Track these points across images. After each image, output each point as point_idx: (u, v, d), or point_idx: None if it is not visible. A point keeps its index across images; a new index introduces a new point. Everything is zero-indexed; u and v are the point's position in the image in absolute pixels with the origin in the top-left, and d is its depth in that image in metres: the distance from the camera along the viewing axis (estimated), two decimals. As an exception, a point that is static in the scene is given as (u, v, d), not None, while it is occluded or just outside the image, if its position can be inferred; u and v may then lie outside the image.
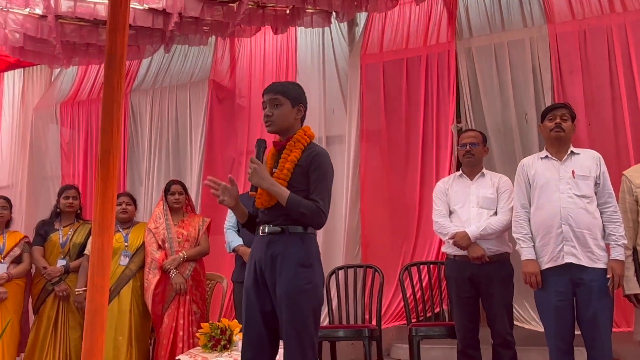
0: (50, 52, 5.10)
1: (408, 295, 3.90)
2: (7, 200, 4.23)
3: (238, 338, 2.88)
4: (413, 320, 3.83)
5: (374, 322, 3.88)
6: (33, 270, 4.13)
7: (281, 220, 2.33)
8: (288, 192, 2.30)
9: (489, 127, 4.17)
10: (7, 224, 4.19)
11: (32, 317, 4.14)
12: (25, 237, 4.20)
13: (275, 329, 2.33)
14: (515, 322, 3.78)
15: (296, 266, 2.27)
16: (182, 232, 3.98)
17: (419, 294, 3.94)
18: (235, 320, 3.00)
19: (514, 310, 3.86)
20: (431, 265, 4.00)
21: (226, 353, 2.77)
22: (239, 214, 2.46)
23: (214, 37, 5.01)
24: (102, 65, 5.99)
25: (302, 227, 2.33)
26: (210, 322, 2.97)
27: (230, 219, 3.87)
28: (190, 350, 3.03)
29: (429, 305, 3.96)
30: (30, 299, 4.13)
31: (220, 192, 2.36)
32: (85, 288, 3.96)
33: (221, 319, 3.08)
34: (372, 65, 4.60)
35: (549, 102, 3.91)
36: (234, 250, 3.72)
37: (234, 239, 3.74)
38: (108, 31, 2.14)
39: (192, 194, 4.79)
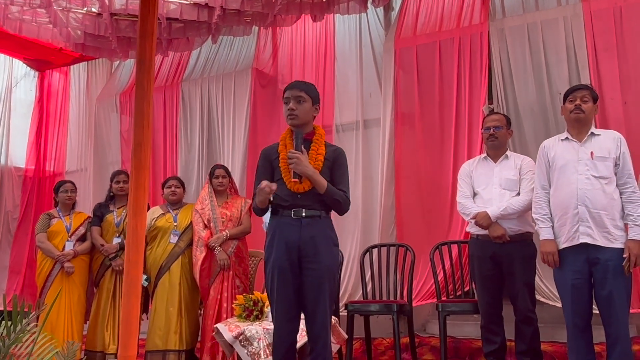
0: (108, 47, 5.54)
1: (439, 273, 4.04)
2: (73, 184, 4.70)
3: (269, 309, 3.15)
4: (444, 298, 3.98)
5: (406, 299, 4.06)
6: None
7: (317, 205, 2.61)
8: (325, 181, 2.59)
9: (521, 108, 4.19)
10: (73, 205, 4.66)
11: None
12: (89, 217, 4.65)
13: (302, 303, 2.58)
14: (543, 300, 3.87)
15: (332, 246, 2.63)
16: (226, 212, 4.29)
17: (449, 272, 4.07)
18: (265, 294, 3.27)
19: (543, 288, 3.94)
20: (462, 245, 4.11)
21: (257, 322, 3.04)
22: (263, 202, 2.60)
23: (256, 27, 5.25)
24: (157, 57, 6.38)
25: (328, 212, 2.66)
26: (244, 294, 3.25)
27: (266, 200, 4.13)
28: (227, 320, 3.34)
29: (459, 284, 4.09)
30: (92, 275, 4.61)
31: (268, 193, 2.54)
32: (141, 263, 4.37)
33: (253, 291, 3.36)
34: (406, 49, 4.69)
35: (584, 82, 3.89)
36: (269, 229, 3.98)
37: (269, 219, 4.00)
38: (138, 38, 2.43)
39: (237, 177, 5.11)
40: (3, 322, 1.99)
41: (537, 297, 3.59)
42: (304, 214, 2.58)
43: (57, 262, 4.33)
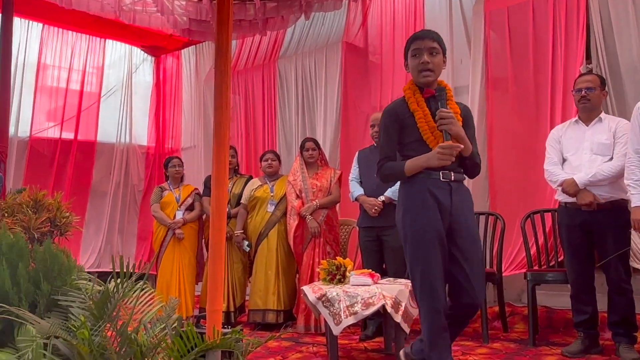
0: (211, 30, 5.92)
1: (530, 242, 3.95)
2: (180, 159, 5.20)
3: (351, 274, 3.32)
4: (536, 268, 3.90)
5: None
6: (204, 216, 5.07)
7: (460, 169, 2.46)
8: (470, 143, 2.41)
9: (622, 67, 3.89)
10: (181, 178, 5.16)
11: (205, 254, 5.11)
12: (196, 189, 5.14)
13: (449, 269, 2.42)
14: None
15: (472, 210, 2.55)
16: (316, 183, 4.51)
17: (542, 241, 3.96)
18: (348, 259, 3.44)
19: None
20: (555, 213, 3.97)
21: (339, 286, 3.23)
22: (417, 170, 2.41)
23: (346, 0, 5.33)
24: (255, 37, 6.69)
25: None
26: (327, 259, 3.45)
27: (354, 171, 4.28)
28: (313, 283, 3.56)
29: (553, 253, 3.97)
30: (204, 239, 5.09)
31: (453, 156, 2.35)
32: (242, 231, 4.76)
33: (336, 257, 3.54)
34: (497, 11, 4.52)
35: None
36: (356, 199, 4.13)
37: (356, 189, 4.15)
38: (216, 25, 2.67)
39: (329, 149, 5.31)
40: (113, 279, 2.35)
41: (636, 265, 3.39)
42: (452, 177, 2.40)
43: (169, 229, 4.86)
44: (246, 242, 4.73)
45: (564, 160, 3.39)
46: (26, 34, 6.26)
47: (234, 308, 4.74)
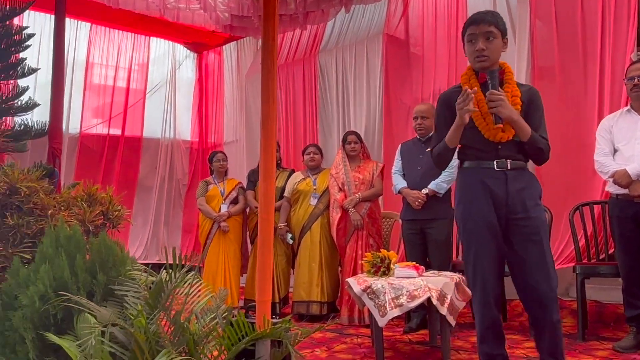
0: (252, 26, 5.99)
1: (579, 235, 3.86)
2: (224, 154, 5.30)
3: (395, 266, 3.32)
4: (585, 261, 3.81)
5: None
6: (247, 210, 5.15)
7: (520, 155, 2.32)
8: (528, 126, 2.26)
9: (678, 52, 3.74)
10: (226, 172, 5.25)
11: (249, 247, 5.19)
12: (240, 183, 5.23)
13: (510, 261, 2.35)
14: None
15: (538, 199, 2.36)
16: (358, 176, 4.52)
17: (591, 234, 3.86)
18: (392, 252, 3.44)
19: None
20: (605, 205, 3.86)
21: (384, 278, 3.23)
22: (456, 136, 2.33)
23: (387, -8, 5.31)
24: (296, 31, 6.71)
25: (527, 162, 2.38)
26: (371, 252, 3.46)
27: (396, 164, 4.26)
28: (357, 275, 3.58)
29: (603, 246, 3.86)
30: (248, 232, 5.17)
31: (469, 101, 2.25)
32: (285, 223, 4.82)
33: (380, 249, 3.55)
34: (543, -3, 4.41)
35: None
36: (399, 192, 4.12)
37: (399, 182, 4.14)
38: (263, 20, 2.70)
39: (372, 141, 5.30)
40: (165, 270, 2.43)
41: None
42: (509, 166, 2.29)
43: (215, 222, 4.97)
44: (289, 235, 4.79)
45: (615, 150, 3.30)
46: (75, 33, 6.48)
47: (279, 299, 4.81)
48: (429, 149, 2.88)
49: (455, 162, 2.65)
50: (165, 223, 7.05)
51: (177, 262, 2.48)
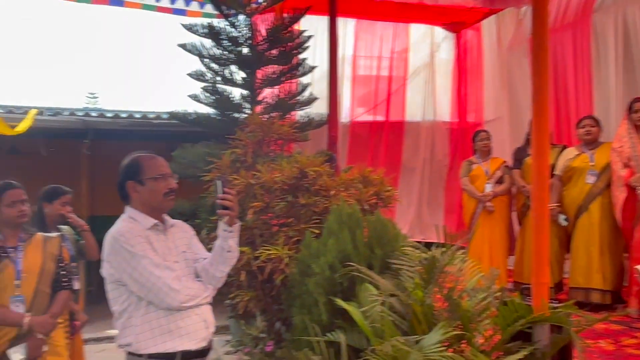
0: (514, -5, 5.68)
1: None
2: (488, 132, 5.15)
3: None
4: None
5: None
6: (514, 189, 4.93)
7: None
8: None
9: None
10: (489, 152, 5.11)
11: (516, 227, 4.98)
12: (505, 161, 5.02)
13: None
14: None
15: None
16: (648, 149, 3.92)
17: None
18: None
19: None
20: None
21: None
22: None
23: None
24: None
25: None
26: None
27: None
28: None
29: None
30: (516, 213, 4.96)
31: None
32: (558, 204, 4.48)
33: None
34: None
35: None
36: None
37: None
38: (530, -14, 2.54)
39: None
40: (437, 247, 2.52)
41: None
42: None
43: (479, 202, 4.89)
44: (562, 216, 4.43)
45: None
46: (343, 30, 7.05)
47: (552, 284, 4.50)
48: None
49: None
50: (427, 203, 7.21)
51: (445, 241, 2.55)
